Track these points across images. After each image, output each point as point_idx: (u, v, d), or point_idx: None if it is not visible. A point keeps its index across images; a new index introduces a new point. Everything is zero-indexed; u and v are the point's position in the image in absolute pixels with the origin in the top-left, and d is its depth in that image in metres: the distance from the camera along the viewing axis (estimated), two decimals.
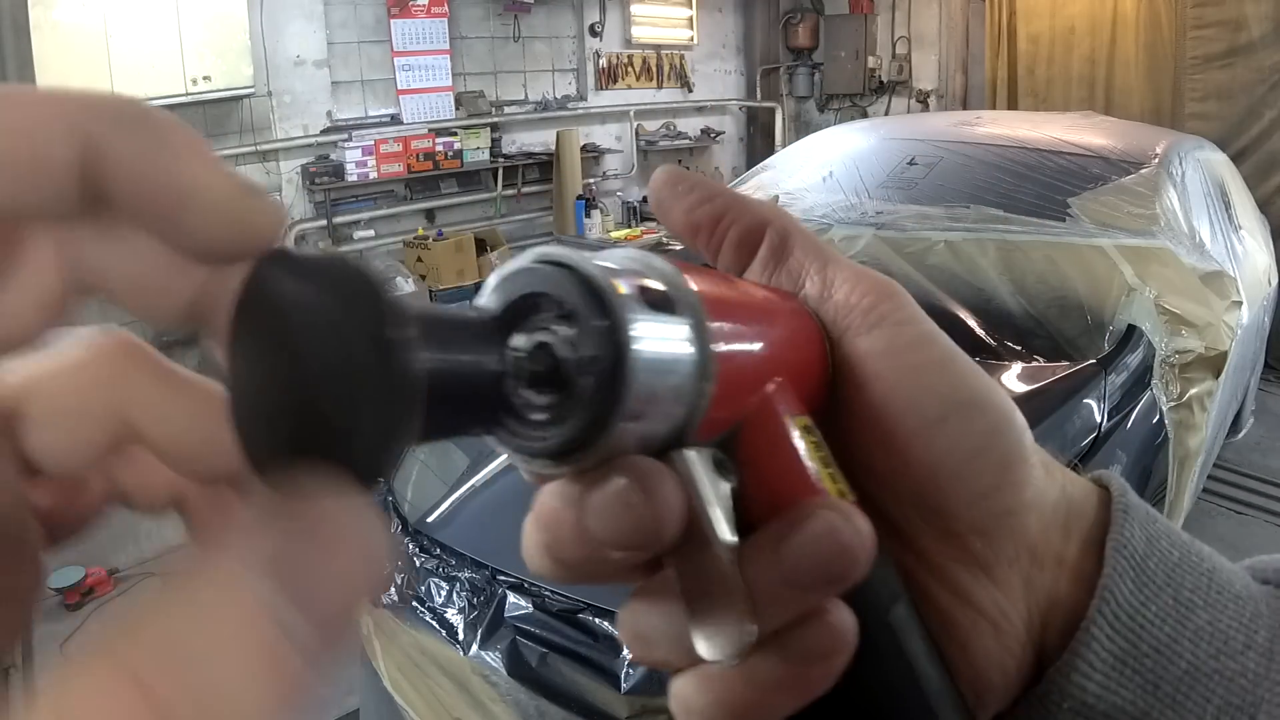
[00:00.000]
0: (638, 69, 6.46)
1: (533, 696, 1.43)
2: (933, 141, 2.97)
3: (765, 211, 0.30)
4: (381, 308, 0.15)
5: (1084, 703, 0.26)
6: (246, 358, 0.16)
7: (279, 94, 4.79)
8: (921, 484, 0.27)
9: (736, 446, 0.24)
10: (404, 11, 5.14)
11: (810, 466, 0.24)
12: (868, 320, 0.27)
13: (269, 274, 0.16)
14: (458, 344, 0.19)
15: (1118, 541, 0.27)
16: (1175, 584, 0.27)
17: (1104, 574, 0.27)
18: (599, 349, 0.20)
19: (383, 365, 0.15)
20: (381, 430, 0.15)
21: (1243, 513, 3.31)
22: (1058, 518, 0.28)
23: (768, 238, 0.29)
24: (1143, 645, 0.26)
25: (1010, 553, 0.28)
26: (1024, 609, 0.28)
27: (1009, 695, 0.28)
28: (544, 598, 1.50)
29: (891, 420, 0.27)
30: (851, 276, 0.28)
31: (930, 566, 0.28)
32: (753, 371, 0.24)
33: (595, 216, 5.64)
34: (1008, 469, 0.27)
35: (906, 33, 6.63)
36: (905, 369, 0.27)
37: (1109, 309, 2.15)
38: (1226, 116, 4.88)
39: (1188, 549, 0.28)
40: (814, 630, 0.23)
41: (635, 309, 0.20)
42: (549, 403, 0.21)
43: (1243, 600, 0.27)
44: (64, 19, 3.77)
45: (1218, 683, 0.26)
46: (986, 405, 0.27)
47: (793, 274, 0.29)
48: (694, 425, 0.22)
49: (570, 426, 0.20)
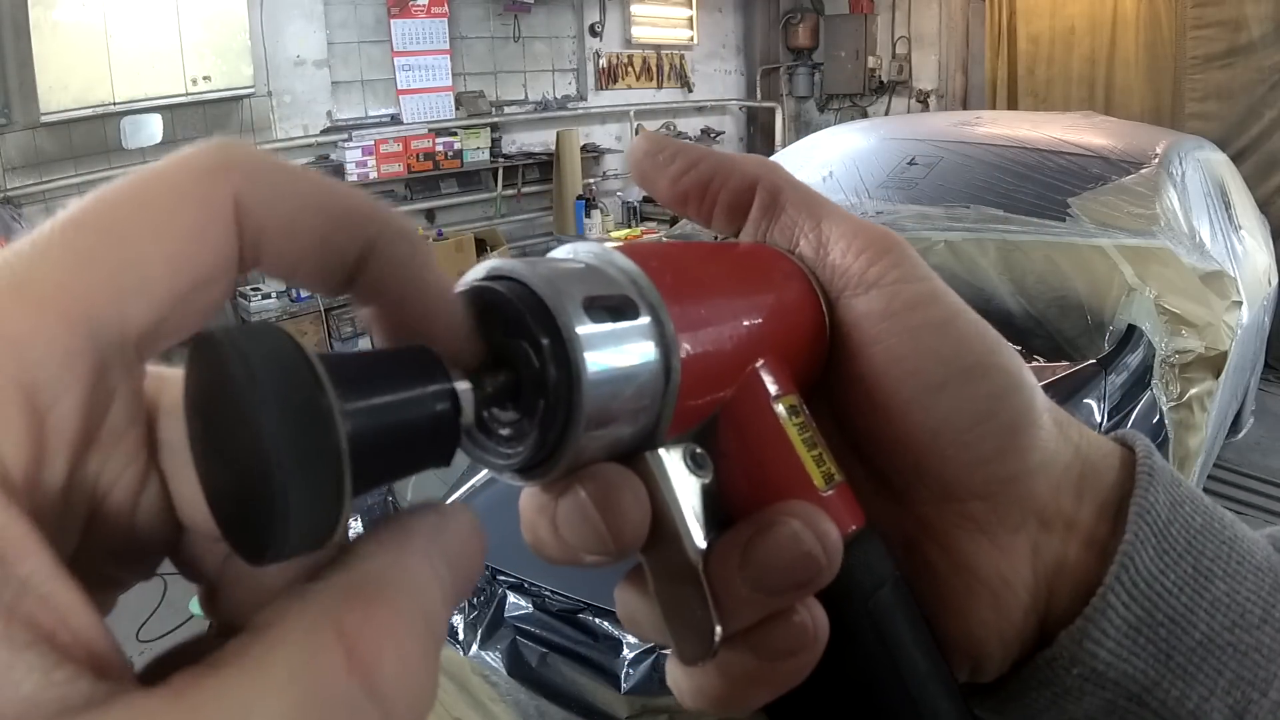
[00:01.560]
0: (638, 69, 6.45)
1: (533, 696, 1.43)
2: (933, 141, 2.97)
3: (753, 169, 0.28)
4: (299, 377, 0.15)
5: (1094, 669, 0.26)
6: (198, 439, 0.16)
7: (279, 94, 4.79)
8: (921, 450, 0.26)
9: (716, 435, 0.24)
10: (404, 11, 5.14)
11: (793, 452, 0.24)
12: (864, 280, 0.26)
13: (198, 358, 0.16)
14: (390, 388, 0.18)
15: (1141, 506, 0.26)
16: (1196, 551, 0.26)
17: (1125, 539, 0.26)
18: (549, 368, 0.20)
19: (305, 435, 0.14)
20: (311, 502, 0.14)
21: (1243, 513, 3.30)
22: (1069, 481, 0.27)
23: (758, 196, 0.28)
24: (1158, 614, 0.26)
25: (1015, 518, 0.27)
26: (1029, 575, 0.27)
27: (1009, 660, 0.27)
28: (544, 598, 1.50)
29: (890, 386, 0.26)
30: (848, 233, 0.27)
31: (931, 533, 0.27)
32: (729, 361, 0.24)
33: (595, 216, 5.64)
34: (1013, 434, 0.26)
35: (906, 33, 6.62)
36: (903, 332, 0.25)
37: (1109, 309, 2.15)
38: (1226, 116, 4.88)
39: (1210, 515, 0.27)
40: (782, 629, 0.23)
41: (586, 322, 0.20)
42: (512, 419, 0.21)
43: (1263, 572, 0.26)
44: (64, 19, 3.76)
45: (1231, 656, 0.25)
46: (991, 368, 0.26)
47: (786, 232, 0.28)
48: (662, 427, 0.22)
49: (530, 445, 0.20)
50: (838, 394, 0.27)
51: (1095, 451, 0.28)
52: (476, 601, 1.55)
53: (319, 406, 0.15)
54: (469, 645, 1.51)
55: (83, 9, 3.81)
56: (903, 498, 0.27)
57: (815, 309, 0.26)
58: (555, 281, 0.20)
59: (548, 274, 0.20)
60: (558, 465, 0.20)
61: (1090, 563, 0.27)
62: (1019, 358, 0.27)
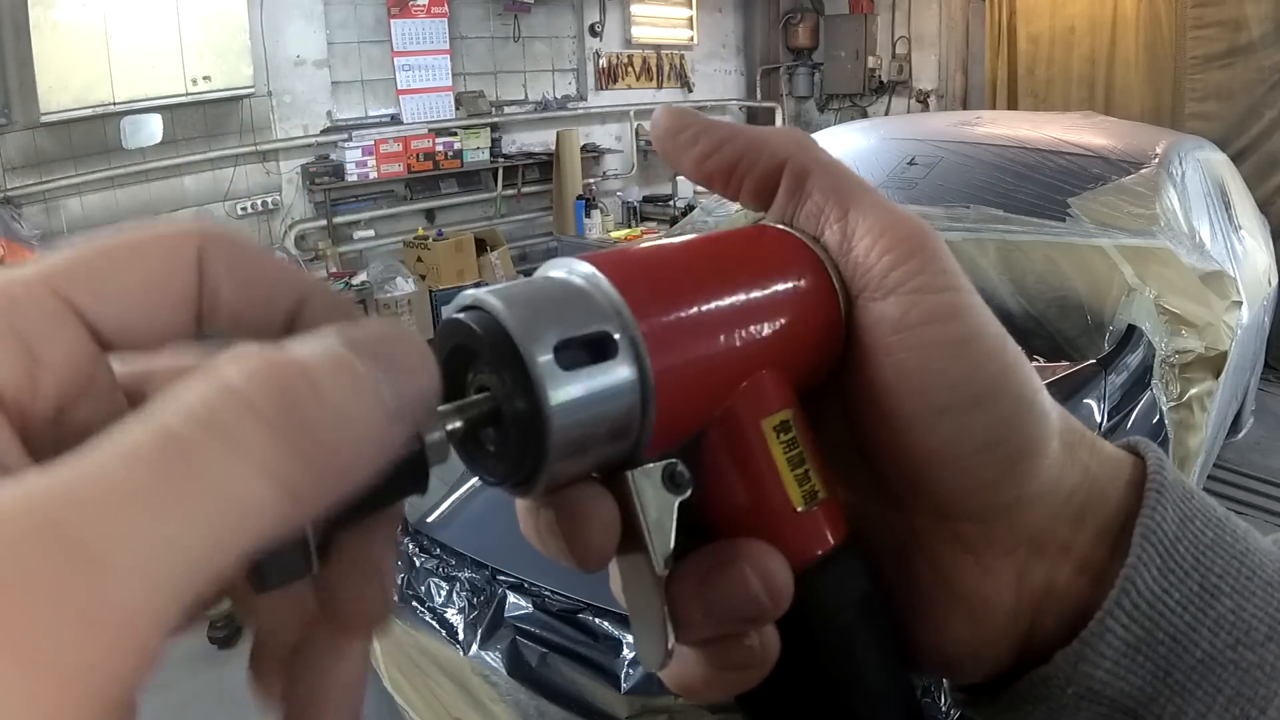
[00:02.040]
0: (638, 69, 6.45)
1: (533, 696, 1.43)
2: (933, 141, 2.97)
3: (781, 148, 0.27)
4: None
5: (1090, 688, 0.25)
6: None
7: (279, 94, 4.79)
8: (918, 467, 0.25)
9: (702, 450, 0.24)
10: (404, 11, 5.14)
11: (774, 472, 0.24)
12: (884, 284, 0.25)
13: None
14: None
15: (1147, 527, 0.26)
16: (1204, 568, 0.26)
17: (1128, 563, 0.25)
18: (517, 403, 0.20)
19: None
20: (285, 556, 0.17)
21: (1243, 513, 3.30)
22: (1070, 508, 0.27)
23: (784, 179, 0.26)
24: (1159, 634, 0.25)
25: (1007, 542, 0.26)
26: (1011, 597, 0.27)
27: (982, 672, 0.28)
28: (544, 598, 1.50)
29: (894, 400, 0.25)
30: (875, 226, 0.25)
31: (920, 544, 0.27)
32: (714, 386, 0.23)
33: (595, 216, 5.64)
34: (1015, 463, 0.25)
35: (906, 33, 6.62)
36: (915, 347, 0.24)
37: (1109, 309, 2.15)
38: (1226, 116, 4.88)
39: (1222, 529, 0.26)
40: (732, 648, 0.24)
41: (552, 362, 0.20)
42: (498, 439, 0.22)
43: (1273, 587, 0.26)
44: (64, 19, 3.77)
45: (1231, 673, 0.25)
46: (1000, 396, 0.25)
47: (811, 218, 0.26)
48: (640, 450, 0.22)
49: (510, 466, 0.21)
50: (848, 394, 0.26)
51: (1104, 472, 0.27)
52: (476, 601, 1.55)
53: None
54: (469, 645, 1.51)
55: (83, 9, 3.81)
56: (899, 505, 0.27)
57: (830, 307, 0.25)
58: (528, 318, 0.21)
59: (522, 309, 0.21)
60: (536, 486, 0.22)
61: (1083, 587, 0.26)
62: (1036, 379, 0.26)
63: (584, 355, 0.21)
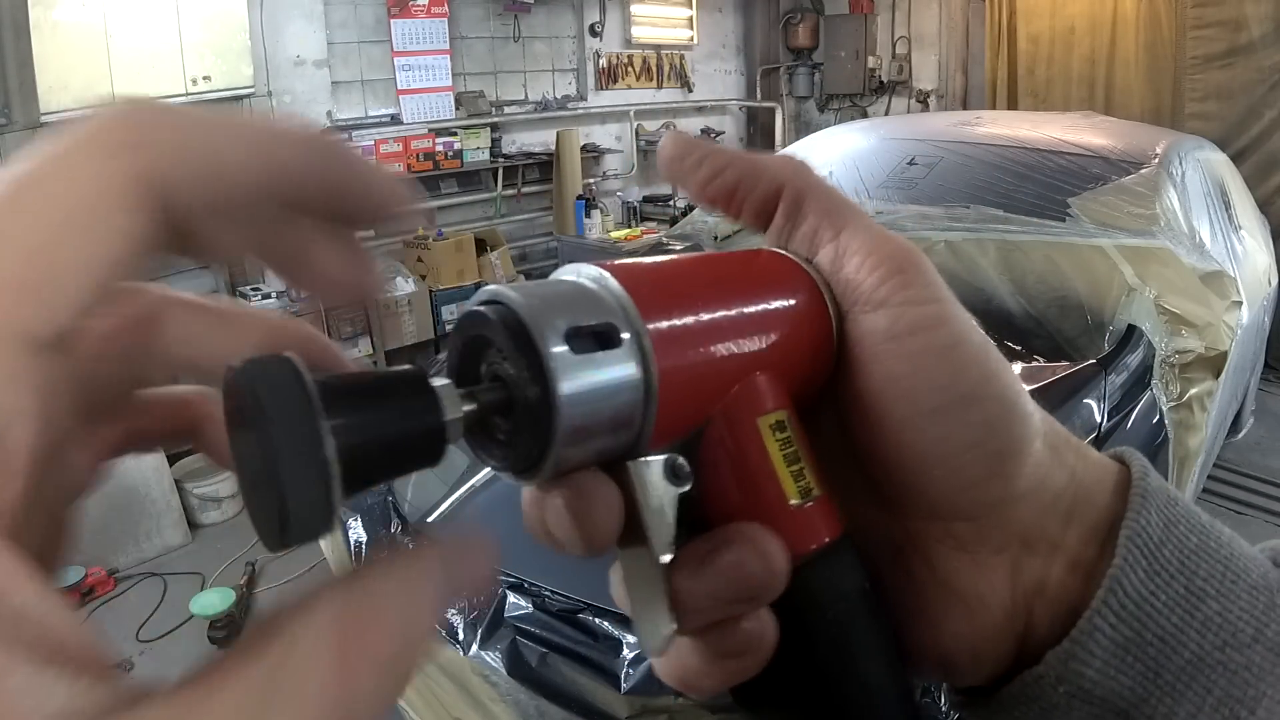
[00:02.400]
0: (638, 69, 6.45)
1: (533, 696, 1.43)
2: (933, 141, 2.97)
3: (780, 173, 0.29)
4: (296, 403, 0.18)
5: (1081, 687, 0.26)
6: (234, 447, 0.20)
7: (279, 94, 4.79)
8: (910, 470, 0.27)
9: (701, 445, 0.25)
10: (404, 11, 5.14)
11: (770, 468, 0.25)
12: (873, 298, 0.26)
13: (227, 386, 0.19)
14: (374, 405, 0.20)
15: (1132, 530, 0.27)
16: (1189, 572, 0.26)
17: (1114, 564, 0.26)
18: (528, 389, 0.22)
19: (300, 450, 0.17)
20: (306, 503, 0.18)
21: (1243, 513, 3.31)
22: (1059, 506, 0.28)
23: (782, 202, 0.28)
24: (1147, 634, 0.26)
25: (998, 540, 0.27)
26: (1007, 595, 0.28)
27: (981, 672, 0.28)
28: (544, 598, 1.50)
29: (885, 406, 0.26)
30: (865, 246, 0.27)
31: (916, 544, 0.28)
32: (713, 383, 0.25)
33: (595, 216, 5.63)
34: (1001, 462, 0.26)
35: (906, 33, 6.62)
36: (903, 354, 0.26)
37: (1109, 309, 2.15)
38: (1226, 116, 4.88)
39: (1206, 534, 0.27)
40: (730, 634, 0.25)
41: (565, 349, 0.22)
42: (507, 427, 0.23)
43: (1258, 591, 0.27)
44: (64, 19, 3.77)
45: (1220, 674, 0.26)
46: (985, 398, 0.26)
47: (806, 239, 0.28)
48: (643, 442, 0.24)
49: (519, 452, 0.23)
50: (841, 403, 0.28)
51: (1090, 475, 0.29)
52: (476, 601, 1.55)
53: (311, 426, 0.18)
54: (469, 645, 1.51)
55: (83, 9, 3.81)
56: (893, 508, 0.28)
57: (822, 322, 0.27)
58: (542, 309, 0.22)
59: (537, 301, 0.23)
60: (543, 472, 0.23)
61: (1074, 585, 0.27)
62: (1018, 383, 0.27)
63: (593, 343, 0.22)
